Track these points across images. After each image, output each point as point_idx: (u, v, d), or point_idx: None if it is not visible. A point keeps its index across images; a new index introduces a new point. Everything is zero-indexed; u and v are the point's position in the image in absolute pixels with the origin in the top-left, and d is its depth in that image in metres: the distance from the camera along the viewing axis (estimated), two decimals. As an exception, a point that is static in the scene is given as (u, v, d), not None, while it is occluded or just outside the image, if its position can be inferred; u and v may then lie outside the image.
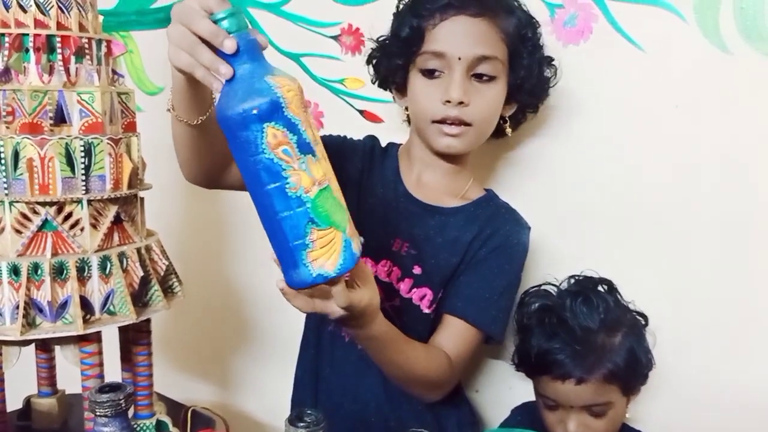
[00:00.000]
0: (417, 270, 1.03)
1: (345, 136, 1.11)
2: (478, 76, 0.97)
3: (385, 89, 1.11)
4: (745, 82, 1.01)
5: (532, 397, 1.06)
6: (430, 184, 1.06)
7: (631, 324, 0.99)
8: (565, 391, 0.95)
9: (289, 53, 1.35)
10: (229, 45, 0.69)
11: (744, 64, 1.00)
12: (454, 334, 1.00)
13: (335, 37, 1.31)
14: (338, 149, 1.03)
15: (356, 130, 1.13)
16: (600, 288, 1.02)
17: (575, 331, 0.95)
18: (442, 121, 0.98)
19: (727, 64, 1.01)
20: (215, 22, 0.69)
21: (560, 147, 1.15)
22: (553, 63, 1.05)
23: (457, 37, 0.96)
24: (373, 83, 1.11)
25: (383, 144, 1.13)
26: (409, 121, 1.09)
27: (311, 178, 0.70)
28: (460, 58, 0.95)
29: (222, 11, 0.69)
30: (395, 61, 1.03)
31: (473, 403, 1.21)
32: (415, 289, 1.03)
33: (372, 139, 1.12)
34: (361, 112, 1.31)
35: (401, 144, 1.12)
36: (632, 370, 0.97)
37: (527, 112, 1.09)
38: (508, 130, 1.07)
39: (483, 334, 1.01)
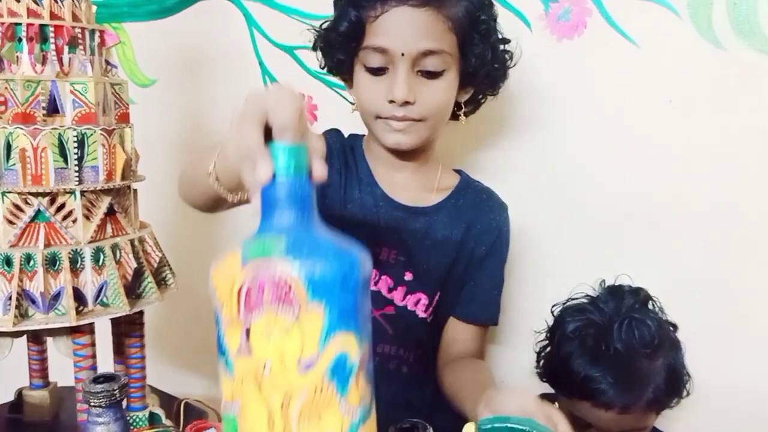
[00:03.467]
0: (408, 276, 1.00)
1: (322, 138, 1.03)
2: (426, 72, 0.91)
3: (335, 76, 1.07)
4: (738, 77, 1.01)
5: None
6: (403, 183, 1.02)
7: (671, 341, 0.95)
8: (606, 418, 0.90)
9: (282, 46, 1.35)
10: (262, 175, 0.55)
11: (737, 59, 1.01)
12: (480, 340, 1.03)
13: (321, 22, 1.30)
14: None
15: (349, 122, 1.13)
16: (642, 305, 0.96)
17: (622, 358, 0.90)
18: (388, 118, 0.93)
19: (720, 60, 1.02)
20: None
21: (553, 140, 1.16)
22: (508, 42, 0.98)
23: (400, 31, 0.89)
24: (322, 68, 1.04)
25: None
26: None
27: None
28: (403, 54, 0.89)
29: (284, 146, 0.55)
30: (337, 55, 0.97)
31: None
32: (409, 296, 1.01)
33: (338, 136, 1.06)
34: (354, 104, 1.30)
35: (363, 135, 1.07)
36: (673, 388, 0.93)
37: (486, 94, 1.02)
38: (462, 118, 1.00)
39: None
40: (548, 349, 1.01)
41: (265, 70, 1.37)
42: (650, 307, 0.96)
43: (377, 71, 0.92)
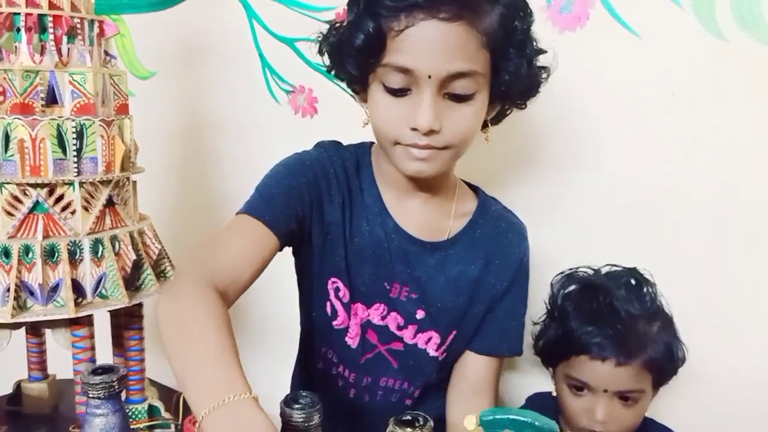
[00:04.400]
0: (420, 314, 0.93)
1: (310, 166, 0.90)
2: (454, 96, 0.79)
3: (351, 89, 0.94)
4: (741, 69, 1.01)
5: (522, 389, 1.06)
6: (417, 211, 0.93)
7: (668, 318, 0.98)
8: (603, 372, 0.92)
9: (283, 38, 1.34)
10: None
11: (740, 51, 1.00)
12: (491, 371, 0.97)
13: (330, 22, 1.29)
14: (314, 191, 0.88)
15: (350, 115, 1.12)
16: (638, 280, 1.00)
17: (620, 314, 0.92)
18: (408, 146, 0.82)
19: (723, 52, 1.01)
20: None
21: (555, 132, 1.15)
22: (544, 54, 0.86)
23: (427, 49, 0.76)
24: (329, 72, 0.92)
25: (347, 142, 0.97)
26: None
27: None
28: (430, 77, 0.77)
29: None
30: (349, 70, 0.84)
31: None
32: (420, 334, 0.94)
33: (338, 154, 0.93)
34: (354, 96, 1.30)
35: (370, 145, 0.97)
36: (669, 362, 0.95)
37: (515, 107, 0.91)
38: (486, 137, 0.90)
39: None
40: (546, 320, 1.02)
41: (264, 62, 1.37)
42: (645, 289, 0.98)
43: (398, 92, 0.80)
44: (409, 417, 0.67)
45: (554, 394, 1.00)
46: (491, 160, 1.18)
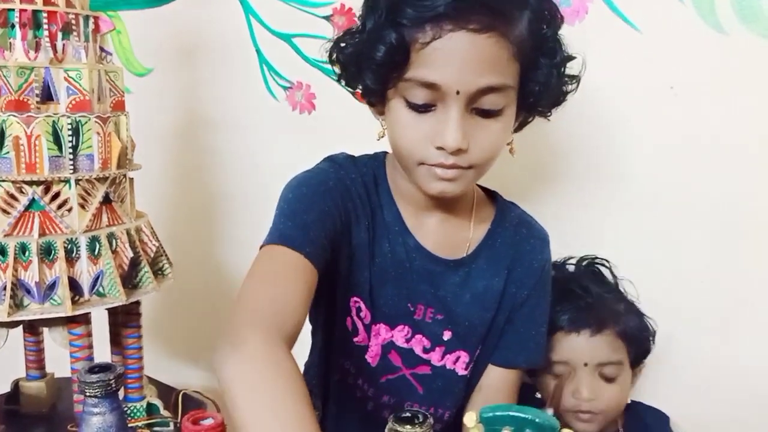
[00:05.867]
0: (447, 335, 0.90)
1: (334, 187, 0.84)
2: (481, 111, 0.75)
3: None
4: (741, 63, 1.00)
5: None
6: (436, 228, 0.89)
7: (631, 302, 1.03)
8: (579, 344, 0.95)
9: (280, 33, 1.33)
10: None
11: (740, 45, 1.00)
12: (510, 385, 0.93)
13: (327, 18, 1.29)
14: (344, 215, 0.84)
15: (348, 112, 1.12)
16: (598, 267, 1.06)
17: (589, 290, 0.98)
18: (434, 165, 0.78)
19: (723, 45, 1.01)
20: None
21: (553, 126, 1.14)
22: (572, 59, 0.81)
23: (456, 64, 0.71)
24: (338, 81, 0.86)
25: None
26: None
27: None
28: (458, 92, 0.72)
29: None
30: (367, 83, 0.78)
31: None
32: (448, 355, 0.91)
33: (355, 170, 0.88)
34: (353, 93, 1.29)
35: (384, 155, 0.92)
36: (642, 331, 1.00)
37: (539, 116, 0.87)
38: (511, 148, 0.85)
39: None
40: None
41: (262, 58, 1.36)
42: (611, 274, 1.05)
43: (422, 108, 0.75)
44: (408, 414, 0.66)
45: (538, 395, 1.01)
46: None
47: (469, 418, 0.65)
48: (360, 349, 0.91)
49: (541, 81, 0.77)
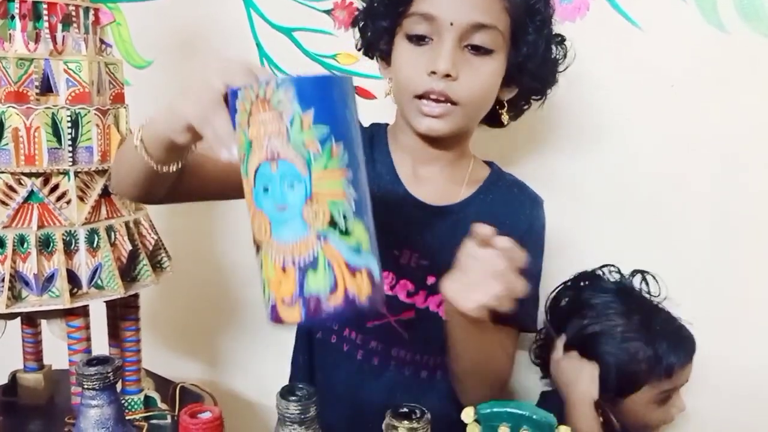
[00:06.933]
0: (431, 280, 0.92)
1: None
2: (474, 48, 0.84)
3: (371, 57, 0.98)
4: (743, 62, 1.00)
5: (521, 376, 1.06)
6: (430, 178, 0.94)
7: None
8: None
9: (281, 27, 1.33)
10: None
11: (741, 44, 0.99)
12: (493, 338, 0.91)
13: (328, 12, 1.28)
14: None
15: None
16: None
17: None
18: (424, 96, 0.85)
19: (724, 44, 1.00)
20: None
21: (554, 124, 1.14)
22: (564, 43, 0.92)
23: None
24: (359, 50, 0.97)
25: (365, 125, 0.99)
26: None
27: None
28: (452, 24, 0.82)
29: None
30: (380, 23, 0.89)
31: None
32: (431, 297, 0.93)
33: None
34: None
35: (386, 124, 1.00)
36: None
37: (531, 99, 0.96)
38: (505, 117, 0.93)
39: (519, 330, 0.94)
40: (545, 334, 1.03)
41: (262, 52, 1.35)
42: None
43: (421, 40, 0.85)
44: (406, 409, 0.66)
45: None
46: (492, 154, 1.17)
47: (467, 415, 0.65)
48: None
49: (529, 42, 0.86)
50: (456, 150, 0.93)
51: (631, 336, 0.96)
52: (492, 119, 0.94)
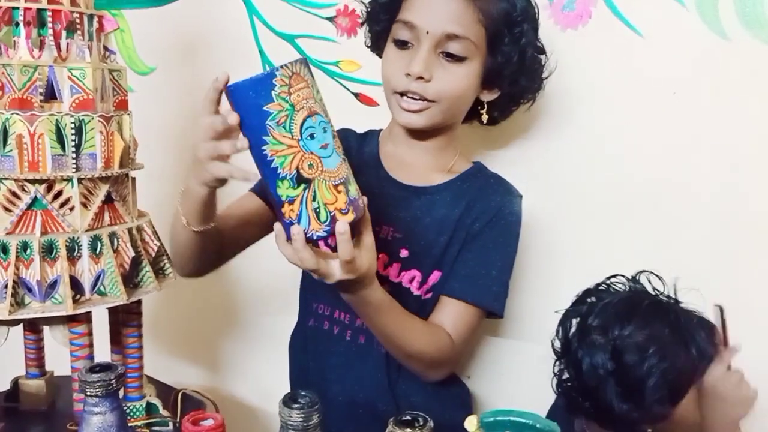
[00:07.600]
0: (404, 253, 0.99)
1: None
2: (448, 54, 0.93)
3: (379, 54, 1.05)
4: (744, 69, 1.00)
5: (523, 383, 1.05)
6: (413, 163, 1.03)
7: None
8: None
9: (283, 34, 1.34)
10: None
11: (743, 51, 1.00)
12: (455, 315, 0.97)
13: (331, 19, 1.29)
14: None
15: (351, 113, 1.12)
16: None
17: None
18: (404, 93, 0.95)
19: (726, 51, 1.01)
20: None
21: (557, 131, 1.15)
22: (543, 53, 1.00)
23: (429, 10, 0.93)
24: (367, 47, 1.08)
25: (361, 131, 1.09)
26: None
27: None
28: (428, 32, 0.92)
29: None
30: (374, 27, 1.03)
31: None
32: (404, 272, 0.99)
33: (344, 132, 1.08)
34: (356, 95, 1.29)
35: (382, 130, 1.09)
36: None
37: (520, 102, 1.04)
38: (484, 117, 1.02)
39: (484, 312, 0.99)
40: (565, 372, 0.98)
41: (265, 58, 1.36)
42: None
43: (403, 44, 0.95)
44: (408, 417, 0.66)
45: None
46: (492, 161, 1.18)
47: (470, 423, 0.65)
48: None
49: (504, 52, 0.95)
50: (438, 141, 1.02)
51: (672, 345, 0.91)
52: (474, 117, 1.03)
